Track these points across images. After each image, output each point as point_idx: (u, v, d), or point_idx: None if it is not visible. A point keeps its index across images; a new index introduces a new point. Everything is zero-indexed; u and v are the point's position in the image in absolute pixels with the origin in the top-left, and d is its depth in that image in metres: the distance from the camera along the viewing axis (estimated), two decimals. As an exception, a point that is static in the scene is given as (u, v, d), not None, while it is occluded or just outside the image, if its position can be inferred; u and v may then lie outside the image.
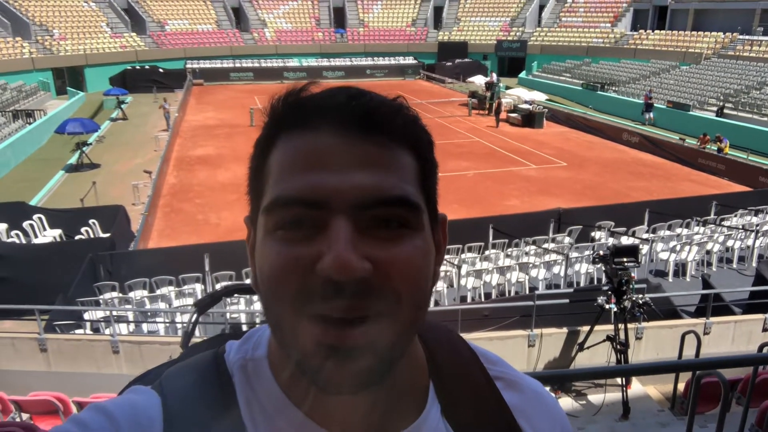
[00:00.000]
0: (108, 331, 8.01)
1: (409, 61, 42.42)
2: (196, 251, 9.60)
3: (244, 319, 8.55)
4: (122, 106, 27.59)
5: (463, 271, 9.52)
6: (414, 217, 0.52)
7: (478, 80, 32.90)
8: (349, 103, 0.52)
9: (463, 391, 0.66)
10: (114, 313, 8.10)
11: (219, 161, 19.04)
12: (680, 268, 10.81)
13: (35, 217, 11.62)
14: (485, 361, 0.70)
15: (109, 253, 9.58)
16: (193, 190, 16.23)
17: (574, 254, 10.20)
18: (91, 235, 11.37)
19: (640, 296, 6.66)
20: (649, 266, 10.72)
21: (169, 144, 19.95)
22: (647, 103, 26.33)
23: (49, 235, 11.51)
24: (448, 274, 9.48)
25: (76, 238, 11.37)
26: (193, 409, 0.58)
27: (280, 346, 0.54)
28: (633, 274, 6.65)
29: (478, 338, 7.22)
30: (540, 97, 29.35)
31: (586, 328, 7.18)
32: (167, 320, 8.64)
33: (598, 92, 30.63)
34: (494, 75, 30.02)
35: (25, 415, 5.56)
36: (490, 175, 17.97)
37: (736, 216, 12.63)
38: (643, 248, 9.95)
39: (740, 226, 11.75)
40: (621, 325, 6.65)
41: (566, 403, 6.61)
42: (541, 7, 44.50)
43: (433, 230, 0.57)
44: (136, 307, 8.65)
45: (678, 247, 10.58)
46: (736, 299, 8.83)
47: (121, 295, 8.82)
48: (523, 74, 39.27)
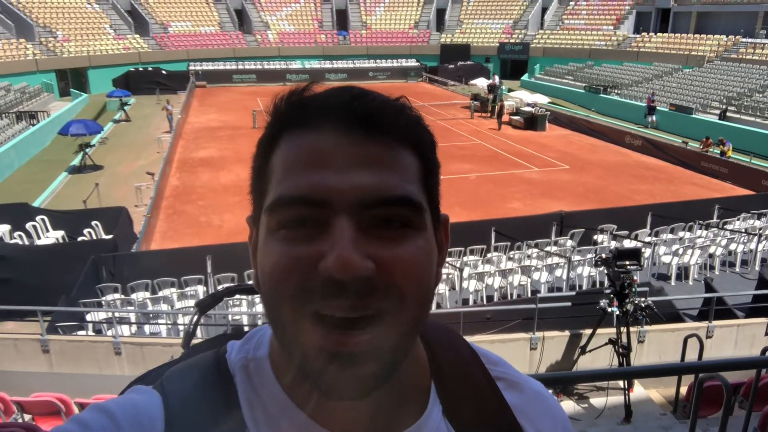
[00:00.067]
0: (110, 332, 8.02)
1: (412, 63, 42.47)
2: (199, 253, 9.61)
3: (246, 321, 8.55)
4: (125, 108, 27.65)
5: (465, 274, 9.52)
6: (416, 216, 0.52)
7: (481, 83, 32.88)
8: (352, 103, 0.52)
9: (465, 391, 0.66)
10: (116, 315, 8.12)
11: (222, 163, 19.07)
12: (683, 272, 10.78)
13: (38, 218, 11.64)
14: (486, 361, 0.70)
15: (111, 255, 9.62)
16: (196, 192, 16.25)
17: (577, 257, 10.19)
18: (94, 237, 11.40)
19: (643, 299, 6.64)
20: (651, 269, 10.68)
21: (172, 146, 19.99)
22: (650, 106, 26.30)
23: (52, 237, 11.53)
24: (450, 276, 9.48)
25: (79, 239, 11.39)
26: (195, 409, 0.58)
27: (282, 346, 0.54)
28: (635, 278, 6.63)
29: (481, 341, 7.21)
30: (542, 99, 29.33)
31: (589, 332, 7.16)
32: (169, 322, 8.65)
33: (601, 95, 30.61)
34: (497, 77, 30.01)
35: (27, 416, 5.57)
36: (493, 177, 17.95)
37: (738, 219, 12.59)
38: (646, 251, 9.93)
39: (743, 230, 11.73)
40: (623, 329, 6.63)
41: (568, 406, 6.60)
42: (544, 10, 44.53)
43: (435, 230, 0.57)
44: (138, 309, 8.67)
45: (680, 251, 10.56)
46: (738, 303, 8.81)
47: (123, 297, 8.84)
48: (525, 77, 39.27)
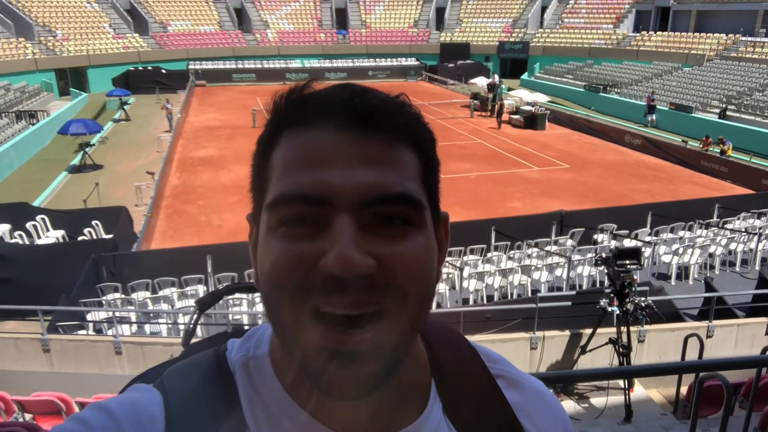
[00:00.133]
0: (110, 332, 8.02)
1: (411, 62, 42.42)
2: (199, 253, 9.61)
3: (246, 320, 8.55)
4: (125, 107, 27.64)
5: (466, 274, 9.52)
6: (416, 214, 0.52)
7: (481, 82, 32.89)
8: (352, 101, 0.52)
9: (465, 389, 0.66)
10: (116, 314, 8.13)
11: (221, 162, 19.07)
12: (683, 271, 10.78)
13: (38, 218, 11.64)
14: (486, 359, 0.70)
15: (111, 254, 9.62)
16: (196, 191, 16.25)
17: (577, 257, 10.19)
18: (94, 236, 11.40)
19: (643, 299, 6.64)
20: (651, 269, 10.68)
21: (172, 145, 19.98)
22: (650, 105, 26.29)
23: (52, 236, 11.53)
24: (450, 276, 9.47)
25: (79, 239, 11.39)
26: (195, 408, 0.58)
27: (282, 344, 0.54)
28: (635, 277, 6.63)
29: (481, 340, 7.19)
30: (542, 98, 29.32)
31: (589, 331, 7.17)
32: (169, 321, 8.65)
33: (601, 94, 30.60)
34: (496, 76, 29.98)
35: (27, 416, 5.57)
36: (492, 177, 17.95)
37: (738, 219, 12.59)
38: (646, 251, 9.93)
39: (743, 229, 11.72)
40: (623, 328, 6.63)
41: (569, 406, 6.60)
42: (544, 9, 44.50)
43: (436, 228, 0.57)
44: (138, 308, 8.67)
45: (680, 250, 10.56)
46: (739, 302, 8.81)
47: (123, 296, 8.85)
48: (525, 76, 39.26)
